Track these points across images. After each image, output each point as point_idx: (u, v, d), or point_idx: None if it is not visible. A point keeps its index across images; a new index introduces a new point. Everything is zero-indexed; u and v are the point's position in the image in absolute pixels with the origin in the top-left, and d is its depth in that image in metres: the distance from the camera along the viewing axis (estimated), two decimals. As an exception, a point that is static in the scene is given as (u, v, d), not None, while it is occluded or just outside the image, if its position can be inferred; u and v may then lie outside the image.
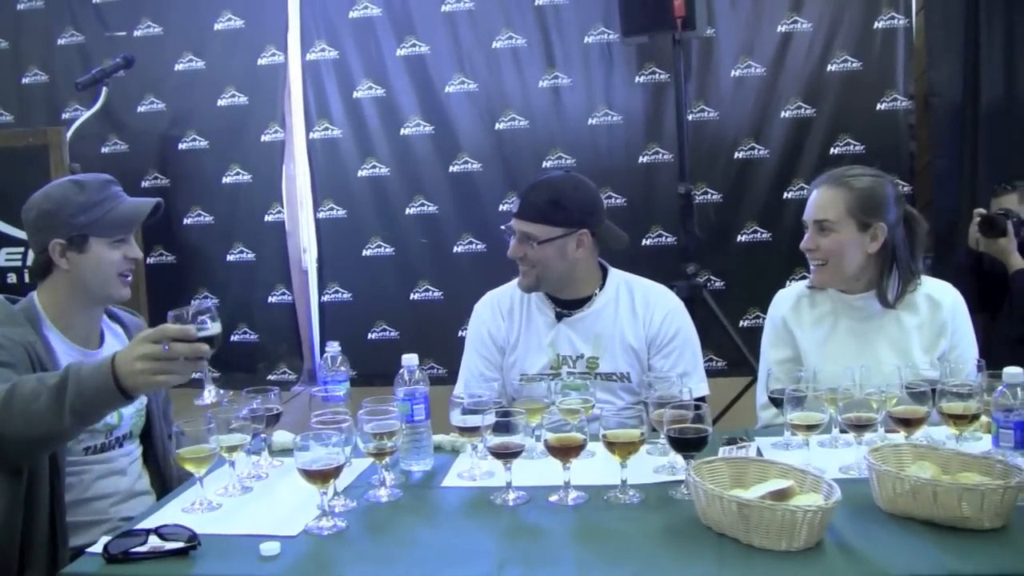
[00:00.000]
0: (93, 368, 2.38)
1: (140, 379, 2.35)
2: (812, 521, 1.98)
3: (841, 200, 3.07)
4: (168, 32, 6.21)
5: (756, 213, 5.80)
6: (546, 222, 3.23)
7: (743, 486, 2.23)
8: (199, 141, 6.20)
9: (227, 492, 2.54)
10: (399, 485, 2.57)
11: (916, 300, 3.14)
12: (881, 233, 3.07)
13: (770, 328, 3.34)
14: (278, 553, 2.12)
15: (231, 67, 6.18)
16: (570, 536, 2.23)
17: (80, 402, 2.36)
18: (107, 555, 2.12)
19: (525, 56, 5.91)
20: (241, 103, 6.17)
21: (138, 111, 6.23)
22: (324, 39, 6.07)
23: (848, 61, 5.63)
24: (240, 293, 6.26)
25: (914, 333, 3.12)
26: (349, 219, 6.14)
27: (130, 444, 2.96)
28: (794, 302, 3.28)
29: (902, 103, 5.62)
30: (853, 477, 2.43)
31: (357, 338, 6.04)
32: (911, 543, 2.04)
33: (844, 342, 3.16)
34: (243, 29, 6.15)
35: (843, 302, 3.19)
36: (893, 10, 5.57)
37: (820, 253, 3.12)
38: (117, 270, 2.84)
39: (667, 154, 5.76)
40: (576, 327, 3.35)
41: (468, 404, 2.67)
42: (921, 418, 2.52)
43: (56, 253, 2.76)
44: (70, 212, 2.77)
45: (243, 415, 2.60)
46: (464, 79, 5.95)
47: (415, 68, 6.00)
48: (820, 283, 3.19)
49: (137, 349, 2.35)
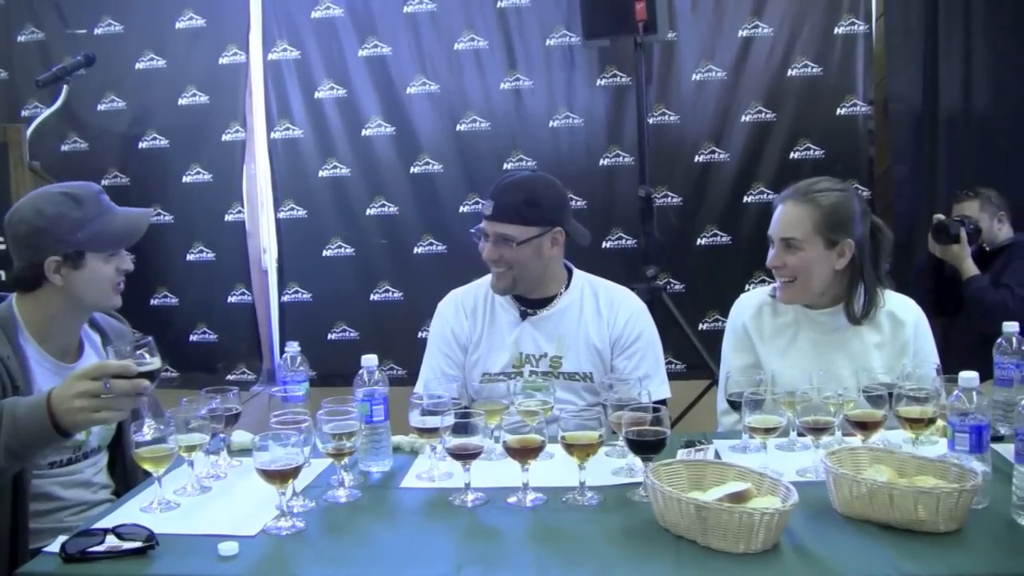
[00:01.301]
0: (29, 407, 2.34)
1: (79, 417, 2.33)
2: (769, 523, 2.00)
3: (808, 217, 3.07)
4: (129, 30, 6.15)
5: (716, 217, 5.82)
6: (523, 222, 3.25)
7: (701, 488, 2.24)
8: (159, 140, 6.15)
9: (185, 492, 2.54)
10: (358, 486, 2.58)
11: (879, 318, 3.16)
12: (848, 250, 3.08)
13: (731, 333, 3.35)
14: (236, 553, 2.12)
15: (192, 66, 6.13)
16: (528, 537, 2.24)
17: (15, 442, 2.33)
18: (64, 555, 2.11)
19: (487, 58, 5.90)
20: (202, 102, 6.12)
21: (98, 109, 6.16)
22: (286, 39, 6.04)
23: (808, 66, 5.66)
24: (200, 292, 6.21)
25: (875, 352, 3.14)
26: (309, 219, 6.11)
27: (96, 455, 2.93)
28: (756, 310, 3.30)
29: (862, 108, 5.66)
30: (810, 480, 2.46)
31: (317, 338, 6.02)
32: (867, 546, 2.07)
33: (804, 354, 3.17)
34: (204, 28, 6.11)
35: (806, 315, 3.21)
36: (853, 16, 5.61)
37: (787, 271, 3.12)
38: (111, 283, 2.81)
39: (628, 157, 5.77)
40: (540, 326, 3.37)
41: (427, 405, 2.68)
42: (878, 422, 2.55)
43: (51, 270, 2.70)
44: (66, 229, 2.70)
45: (202, 415, 2.59)
46: (425, 80, 5.94)
47: (376, 69, 5.98)
48: (788, 300, 3.19)
49: (76, 387, 2.32)
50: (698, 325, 5.69)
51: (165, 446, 2.40)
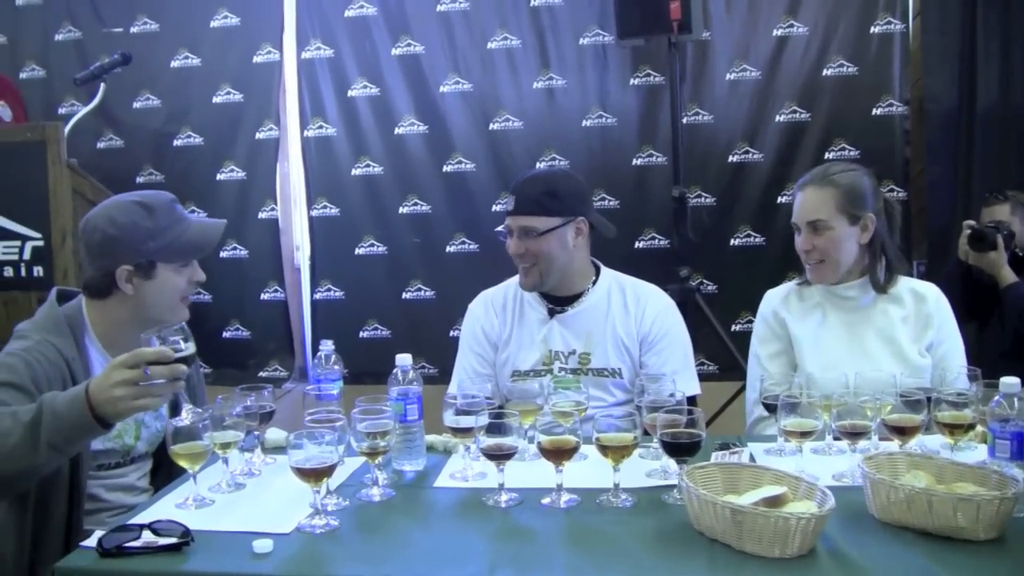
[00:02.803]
0: (68, 400, 2.35)
1: (120, 405, 2.34)
2: (806, 528, 1.98)
3: (830, 198, 3.18)
4: (164, 29, 6.19)
5: (749, 217, 5.79)
6: (544, 213, 3.27)
7: (736, 492, 2.23)
8: (194, 138, 6.19)
9: (220, 488, 2.55)
10: (391, 485, 2.58)
11: (901, 293, 3.26)
12: (871, 223, 3.20)
13: (760, 324, 3.41)
14: (271, 550, 2.13)
15: (227, 64, 6.16)
16: (562, 539, 2.23)
17: (57, 436, 2.34)
18: (101, 549, 2.13)
19: (520, 57, 5.89)
20: (236, 100, 6.15)
21: (134, 107, 6.20)
22: (319, 37, 6.05)
23: (844, 66, 5.63)
24: (233, 290, 6.23)
25: (900, 324, 3.22)
26: (342, 217, 6.13)
27: (142, 460, 2.95)
28: (784, 296, 3.40)
29: (898, 108, 5.62)
30: (847, 485, 2.44)
31: (349, 336, 6.02)
32: (905, 552, 2.05)
33: (835, 331, 3.26)
34: (239, 27, 6.13)
35: (831, 293, 3.29)
36: (890, 15, 5.57)
37: (817, 252, 3.22)
38: (181, 294, 2.81)
39: (661, 157, 5.76)
40: (568, 323, 3.37)
41: (461, 405, 2.68)
42: (916, 427, 2.53)
43: (122, 279, 2.71)
44: (139, 239, 2.71)
45: (237, 412, 2.60)
46: (458, 79, 5.94)
47: (410, 67, 5.98)
48: (818, 280, 3.29)
49: (114, 376, 2.33)
50: (731, 326, 5.67)
51: (200, 443, 2.41)
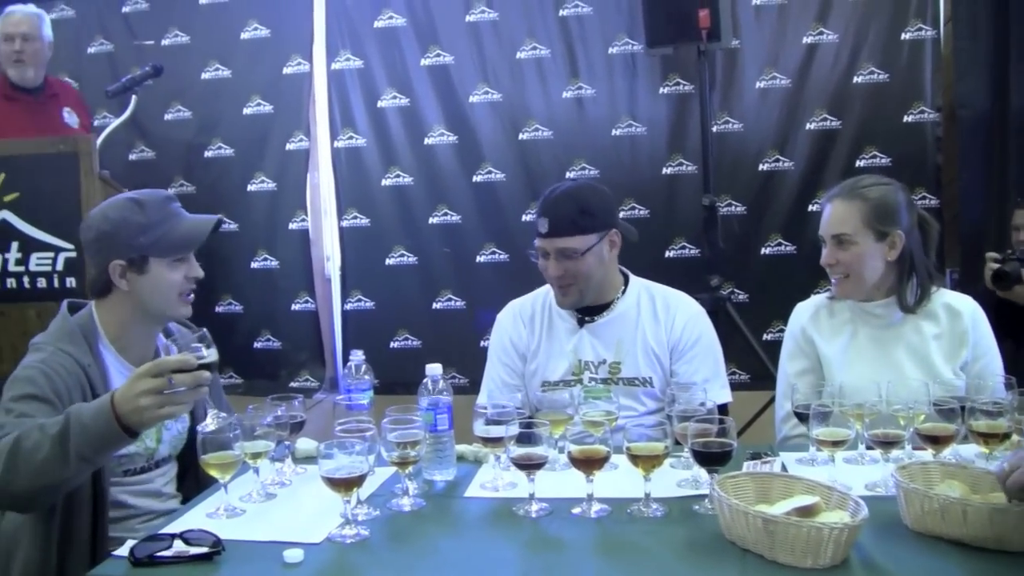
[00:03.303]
0: (94, 412, 2.37)
1: (146, 415, 2.35)
2: (839, 538, 1.96)
3: (856, 212, 3.09)
4: (195, 41, 6.24)
5: (780, 225, 5.77)
6: (581, 232, 3.23)
7: (768, 502, 2.22)
8: (225, 149, 6.22)
9: (251, 498, 2.55)
10: (422, 494, 2.58)
11: (935, 309, 3.16)
12: (899, 240, 3.09)
13: (789, 340, 3.34)
14: (301, 560, 2.13)
15: (257, 76, 6.20)
16: (592, 549, 2.22)
17: (86, 448, 2.35)
18: (133, 559, 2.14)
19: (549, 66, 5.90)
20: (266, 111, 6.19)
21: (165, 119, 6.26)
22: (349, 48, 6.08)
23: (875, 73, 5.61)
24: (264, 300, 6.27)
25: (933, 342, 3.12)
26: (372, 228, 6.15)
27: (167, 465, 2.96)
28: (813, 313, 3.31)
29: (929, 115, 5.59)
30: (880, 495, 2.42)
31: (379, 347, 6.04)
32: (939, 563, 2.03)
33: (865, 350, 3.17)
34: (269, 38, 6.17)
35: (862, 310, 3.20)
36: (921, 21, 5.55)
37: (841, 267, 3.14)
38: (178, 290, 2.81)
39: (691, 165, 5.75)
40: (598, 333, 3.35)
41: (492, 415, 2.67)
42: (950, 436, 2.50)
43: (116, 274, 2.73)
44: (129, 233, 2.72)
45: (267, 422, 2.60)
46: (488, 89, 5.96)
47: (439, 78, 6.00)
48: (843, 295, 3.21)
49: (138, 386, 2.35)
50: (762, 335, 5.65)
51: (231, 452, 2.42)
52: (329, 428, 2.54)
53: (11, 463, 2.36)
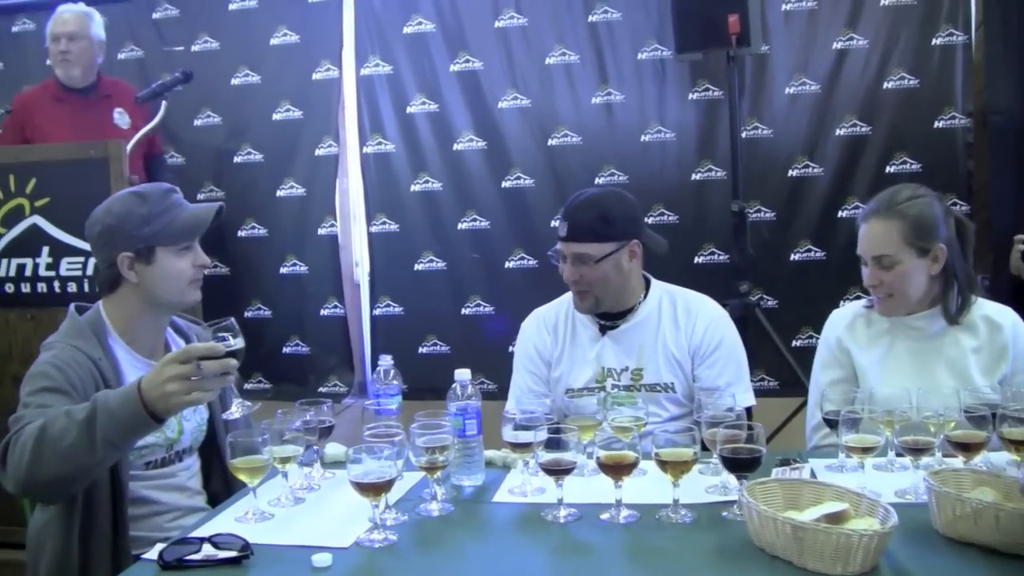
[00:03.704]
0: (121, 397, 2.41)
1: (173, 400, 2.38)
2: (868, 545, 1.96)
3: (895, 231, 3.03)
4: (225, 47, 6.27)
5: (810, 231, 5.74)
6: (599, 239, 3.24)
7: (797, 508, 2.21)
8: (254, 154, 6.24)
9: (280, 503, 2.57)
10: (450, 499, 2.58)
11: (974, 321, 3.11)
12: (941, 254, 3.04)
13: (823, 349, 3.30)
14: (330, 564, 2.14)
15: (286, 81, 6.22)
16: (621, 554, 2.22)
17: (113, 433, 2.39)
18: (162, 562, 2.16)
19: (578, 72, 5.90)
20: (296, 117, 6.21)
21: (195, 124, 6.29)
22: (378, 54, 6.10)
23: (905, 78, 5.57)
24: (293, 305, 6.28)
25: (972, 356, 3.08)
26: (401, 233, 6.15)
27: (189, 458, 2.98)
28: (850, 321, 3.26)
29: (960, 121, 5.55)
30: (910, 501, 2.41)
31: (408, 352, 6.04)
32: (970, 569, 2.02)
33: (902, 361, 3.13)
34: (298, 44, 6.19)
35: (901, 323, 3.16)
36: (952, 26, 5.51)
37: (884, 288, 3.08)
38: (187, 278, 2.85)
39: (720, 171, 5.73)
40: (619, 339, 3.36)
41: (520, 420, 2.68)
42: (981, 443, 2.49)
43: (124, 266, 2.77)
44: (134, 224, 2.76)
45: (296, 427, 2.62)
46: (517, 95, 5.96)
47: (468, 83, 6.01)
48: (887, 313, 3.15)
49: (166, 372, 2.38)
50: (791, 342, 5.62)
51: (260, 457, 2.43)
52: (358, 433, 2.55)
53: (37, 449, 2.40)
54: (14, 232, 4.51)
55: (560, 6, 5.88)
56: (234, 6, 6.26)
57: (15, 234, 4.51)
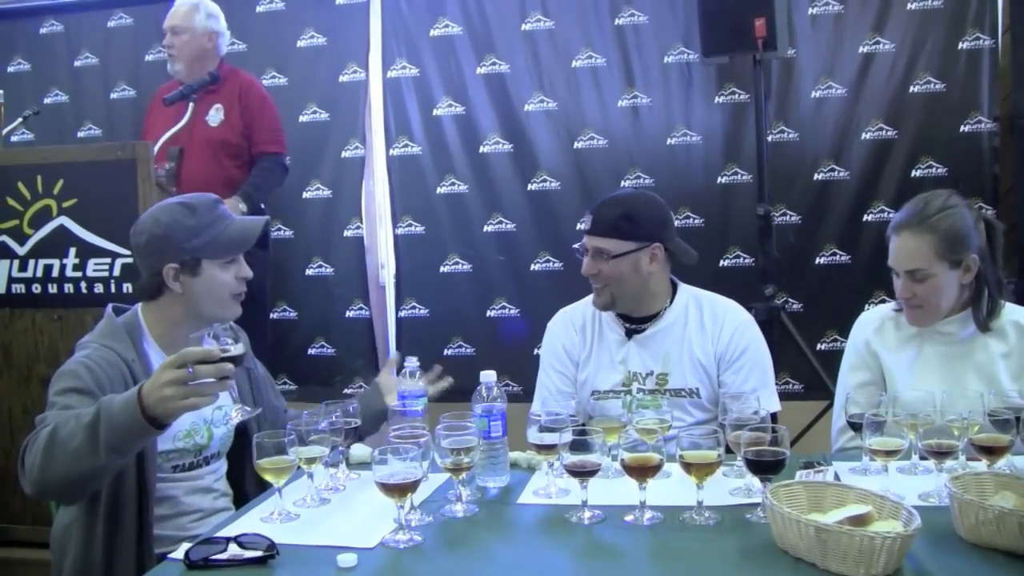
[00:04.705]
0: (123, 402, 2.42)
1: (170, 406, 2.38)
2: (891, 548, 1.96)
3: (927, 245, 3.01)
4: (252, 49, 6.29)
5: (835, 235, 5.72)
6: (619, 236, 3.26)
7: (820, 510, 2.21)
8: (281, 156, 6.27)
9: (305, 503, 2.58)
10: (475, 501, 2.60)
11: (1004, 326, 3.10)
12: (973, 264, 3.03)
13: (851, 351, 3.30)
14: (355, 565, 2.16)
15: (313, 84, 6.24)
16: (645, 556, 2.23)
17: (114, 438, 2.40)
18: (188, 561, 2.18)
19: (604, 75, 5.90)
20: (322, 119, 6.23)
21: (222, 126, 6.32)
22: (405, 57, 6.11)
23: (931, 82, 5.55)
24: (318, 307, 6.30)
25: (1001, 361, 3.07)
26: (427, 235, 6.16)
27: (216, 462, 3.00)
28: (878, 325, 3.26)
29: (987, 125, 5.52)
30: (933, 505, 2.41)
31: (433, 354, 6.03)
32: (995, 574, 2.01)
33: (932, 366, 3.12)
34: (325, 46, 6.21)
35: (930, 327, 3.15)
36: (978, 31, 5.49)
37: (918, 300, 3.07)
38: (230, 291, 2.88)
39: (746, 175, 5.72)
40: (645, 344, 3.36)
41: (545, 422, 2.69)
42: (1004, 446, 2.49)
43: (170, 277, 2.79)
44: (182, 236, 2.79)
45: (322, 428, 2.64)
46: (543, 98, 5.96)
47: (494, 86, 6.01)
48: (919, 324, 3.14)
49: (163, 376, 2.38)
50: (816, 345, 5.61)
51: (286, 458, 2.45)
52: (383, 434, 2.57)
53: (48, 451, 2.43)
54: (41, 233, 4.52)
55: (587, 9, 5.88)
56: (261, 8, 6.29)
57: (42, 235, 4.52)
